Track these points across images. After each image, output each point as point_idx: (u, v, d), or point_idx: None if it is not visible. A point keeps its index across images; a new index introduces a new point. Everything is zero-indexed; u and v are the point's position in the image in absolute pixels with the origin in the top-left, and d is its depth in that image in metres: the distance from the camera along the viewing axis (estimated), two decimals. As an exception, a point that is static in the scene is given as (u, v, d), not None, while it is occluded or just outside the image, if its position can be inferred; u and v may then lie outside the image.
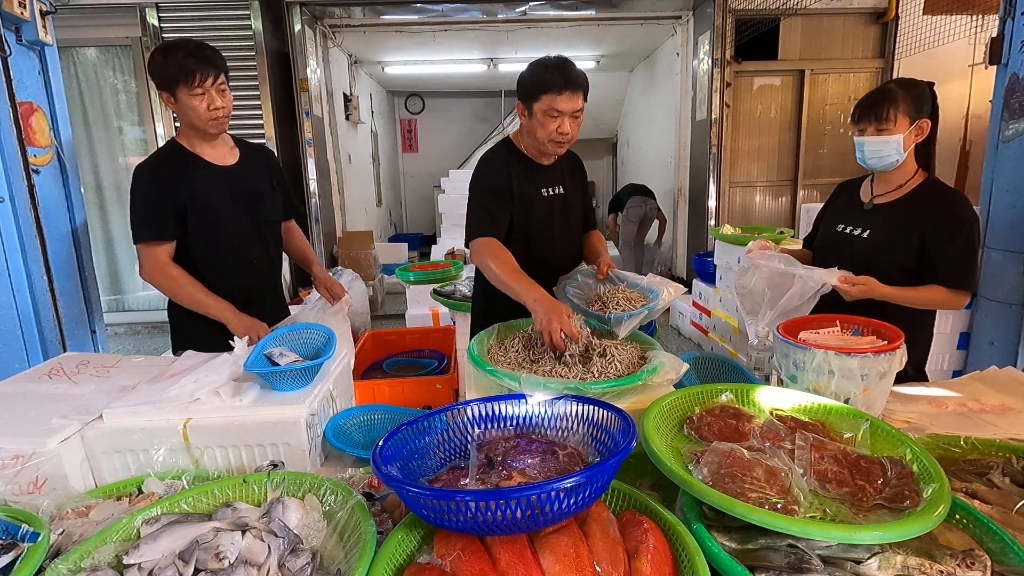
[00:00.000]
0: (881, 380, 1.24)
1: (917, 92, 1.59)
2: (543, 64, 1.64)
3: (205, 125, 1.67)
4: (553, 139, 1.67)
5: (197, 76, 1.60)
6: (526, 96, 1.67)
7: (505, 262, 1.64)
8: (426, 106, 10.21)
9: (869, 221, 1.71)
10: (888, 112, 1.57)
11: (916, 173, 1.68)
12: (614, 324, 1.48)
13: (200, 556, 0.79)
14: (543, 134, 1.67)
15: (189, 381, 1.22)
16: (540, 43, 6.58)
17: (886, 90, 1.61)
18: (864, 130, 1.63)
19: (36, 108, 2.49)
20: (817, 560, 0.77)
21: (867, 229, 1.70)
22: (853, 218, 1.76)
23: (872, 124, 1.60)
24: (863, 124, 1.63)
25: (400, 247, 7.25)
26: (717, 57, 5.13)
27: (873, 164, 1.65)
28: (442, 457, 0.99)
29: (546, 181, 1.82)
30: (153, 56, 1.65)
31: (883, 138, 1.59)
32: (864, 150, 1.63)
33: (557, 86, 1.60)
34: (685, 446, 1.03)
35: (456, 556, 0.76)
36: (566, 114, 1.63)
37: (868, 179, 1.79)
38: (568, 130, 1.65)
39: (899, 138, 1.58)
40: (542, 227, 1.81)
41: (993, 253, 2.96)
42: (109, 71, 5.11)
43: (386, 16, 5.44)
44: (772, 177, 5.73)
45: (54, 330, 2.50)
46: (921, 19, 4.85)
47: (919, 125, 1.59)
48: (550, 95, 1.61)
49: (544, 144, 1.69)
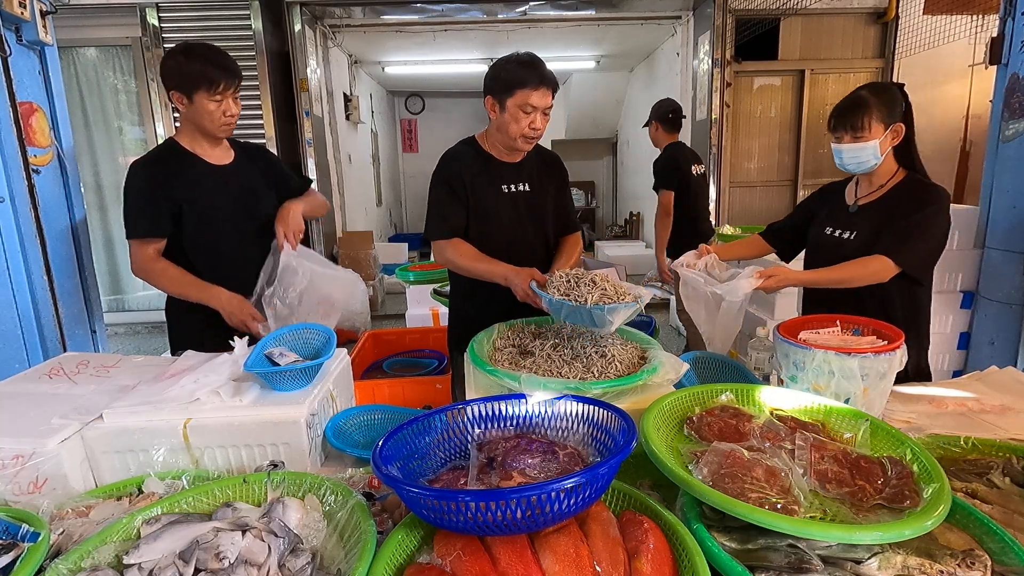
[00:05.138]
0: (881, 380, 1.24)
1: (888, 97, 1.64)
2: (516, 60, 1.67)
3: (216, 130, 1.71)
4: (525, 134, 1.70)
5: (222, 84, 1.65)
6: (499, 91, 1.68)
7: (464, 253, 1.73)
8: (426, 106, 10.21)
9: (855, 223, 1.75)
10: (862, 120, 1.63)
11: (897, 171, 1.72)
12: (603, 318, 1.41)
13: (200, 556, 0.79)
14: (515, 129, 1.69)
15: (189, 381, 1.23)
16: (540, 43, 6.57)
17: (858, 97, 1.66)
18: (841, 138, 1.68)
19: (36, 108, 2.49)
20: (817, 560, 0.77)
21: (854, 231, 1.74)
22: (840, 221, 1.79)
23: (848, 132, 1.66)
24: (839, 132, 1.68)
25: (400, 247, 7.25)
26: (717, 57, 5.12)
27: (852, 169, 1.71)
28: (442, 457, 0.99)
29: (509, 178, 1.83)
30: (171, 56, 1.66)
31: (859, 145, 1.65)
32: (843, 157, 1.69)
33: (532, 82, 1.64)
34: (685, 446, 1.03)
35: (456, 556, 0.76)
36: (539, 110, 1.67)
37: (853, 181, 1.83)
38: (540, 125, 1.70)
39: (875, 143, 1.63)
40: (503, 223, 1.82)
41: (993, 253, 2.96)
42: (109, 71, 5.11)
43: (386, 16, 5.43)
44: (772, 177, 5.73)
45: (54, 330, 2.50)
46: (921, 19, 4.85)
47: (894, 129, 1.64)
48: (525, 91, 1.64)
49: (515, 140, 1.72)
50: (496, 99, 1.70)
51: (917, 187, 1.69)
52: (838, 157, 1.70)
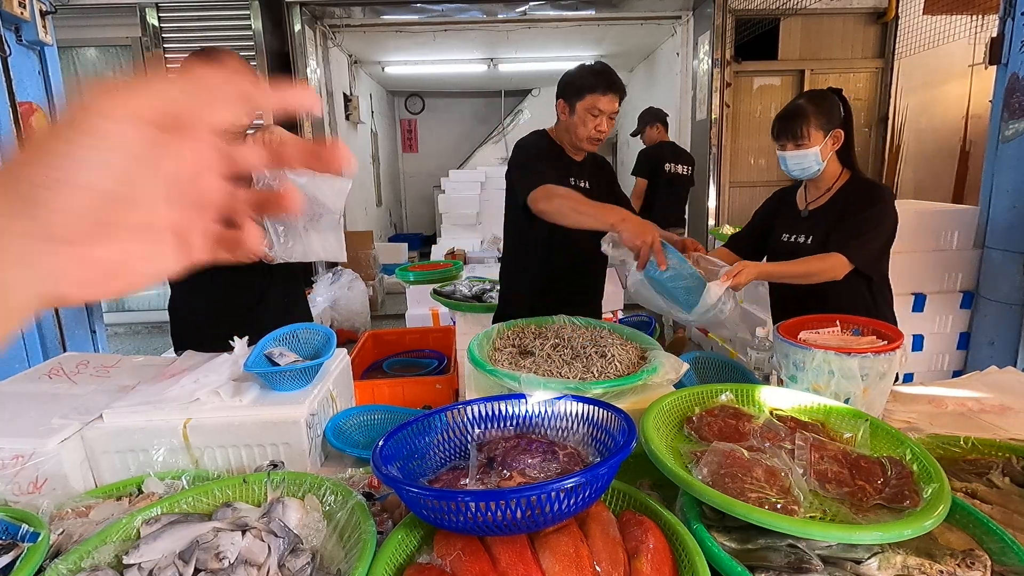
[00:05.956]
0: (881, 380, 1.24)
1: (827, 106, 1.73)
2: (590, 68, 1.82)
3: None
4: (591, 136, 1.83)
5: None
6: (570, 95, 1.82)
7: (572, 195, 1.70)
8: (426, 106, 10.21)
9: (808, 227, 1.82)
10: (802, 130, 1.72)
11: (841, 173, 1.80)
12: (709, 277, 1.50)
13: (200, 556, 0.79)
14: (583, 131, 1.82)
15: (189, 381, 1.23)
16: (540, 43, 6.57)
17: (797, 107, 1.75)
18: (784, 146, 1.76)
19: (36, 108, 2.49)
20: (817, 560, 0.77)
21: (809, 235, 1.81)
22: (794, 226, 1.86)
23: (790, 140, 1.74)
24: (782, 140, 1.77)
25: (400, 247, 7.24)
26: (717, 57, 5.12)
27: (797, 174, 1.80)
28: (442, 457, 0.99)
29: (574, 173, 1.92)
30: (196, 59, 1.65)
31: (801, 152, 1.73)
32: (787, 164, 1.78)
33: (602, 87, 1.77)
34: (685, 446, 1.03)
35: (456, 556, 0.76)
36: (606, 114, 1.80)
37: (802, 187, 1.91)
38: (605, 128, 1.82)
39: (816, 150, 1.72)
40: None
41: (993, 253, 2.96)
42: (109, 71, 5.11)
43: (386, 16, 5.44)
44: (772, 177, 5.72)
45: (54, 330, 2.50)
46: (921, 19, 4.85)
47: (833, 135, 1.73)
48: (595, 95, 1.77)
49: (582, 140, 1.84)
50: (567, 102, 1.84)
51: (862, 187, 1.77)
52: (783, 164, 1.79)
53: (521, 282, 2.03)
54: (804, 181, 1.87)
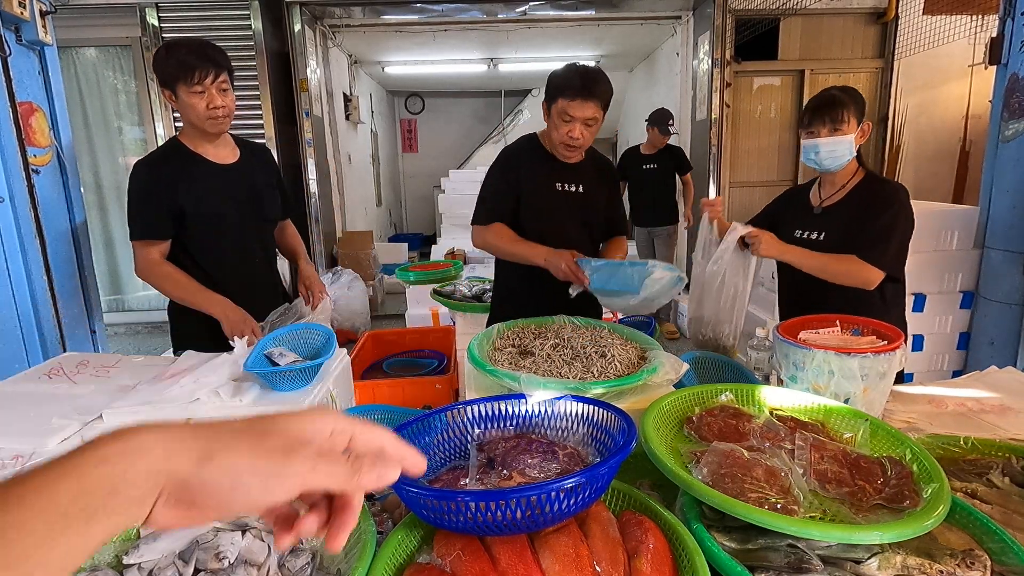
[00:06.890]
0: (881, 380, 1.24)
1: (858, 97, 1.73)
2: (570, 67, 1.70)
3: (203, 124, 1.66)
4: (564, 142, 1.72)
5: (197, 73, 1.59)
6: (548, 95, 1.74)
7: (502, 235, 1.78)
8: (426, 106, 10.21)
9: (822, 224, 1.81)
10: (842, 114, 1.69)
11: (857, 171, 1.79)
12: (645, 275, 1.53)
13: (200, 556, 0.79)
14: (556, 136, 1.74)
15: (189, 381, 1.23)
16: (540, 43, 6.57)
17: (833, 95, 1.73)
18: (818, 132, 1.71)
19: (36, 108, 2.49)
20: (817, 560, 0.77)
21: (822, 232, 1.79)
22: (807, 223, 1.85)
23: (827, 125, 1.70)
24: (816, 127, 1.72)
25: (400, 247, 7.24)
26: (717, 57, 5.12)
27: (828, 165, 1.75)
28: (442, 457, 0.99)
29: (565, 177, 1.86)
30: (157, 53, 1.65)
31: (837, 138, 1.69)
32: (820, 151, 1.72)
33: (572, 91, 1.65)
34: (685, 446, 1.03)
35: (456, 556, 0.76)
36: (577, 120, 1.68)
37: (816, 184, 1.89)
38: (579, 135, 1.70)
39: (851, 138, 1.70)
40: (553, 220, 1.86)
41: (993, 253, 2.96)
42: (109, 71, 5.11)
43: (386, 16, 5.43)
44: (772, 177, 5.73)
45: (54, 330, 2.50)
46: (921, 19, 4.85)
47: (863, 128, 1.72)
48: (564, 99, 1.67)
49: (556, 146, 1.76)
50: (546, 103, 1.76)
51: (877, 185, 1.76)
52: (813, 152, 1.73)
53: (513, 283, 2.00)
54: (819, 177, 1.85)
